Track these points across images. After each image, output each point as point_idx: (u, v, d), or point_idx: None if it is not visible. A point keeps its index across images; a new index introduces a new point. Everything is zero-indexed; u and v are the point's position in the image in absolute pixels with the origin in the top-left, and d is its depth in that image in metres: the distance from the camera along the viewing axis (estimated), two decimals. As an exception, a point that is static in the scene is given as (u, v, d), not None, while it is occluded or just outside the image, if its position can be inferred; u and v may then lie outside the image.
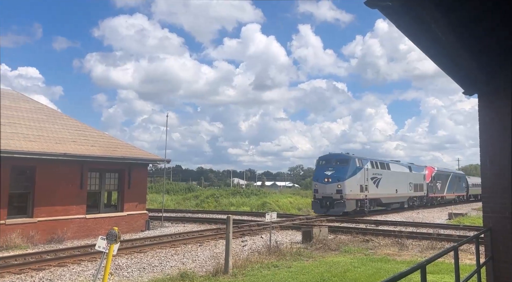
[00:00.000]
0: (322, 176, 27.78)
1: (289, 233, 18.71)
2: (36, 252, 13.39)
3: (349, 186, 26.78)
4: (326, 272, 10.07)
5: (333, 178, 27.07)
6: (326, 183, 27.21)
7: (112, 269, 9.60)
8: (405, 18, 3.28)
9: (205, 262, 12.05)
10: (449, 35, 3.63)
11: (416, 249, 14.03)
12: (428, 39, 3.70)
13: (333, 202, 26.46)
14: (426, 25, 3.40)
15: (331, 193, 26.74)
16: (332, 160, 28.41)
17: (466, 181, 52.96)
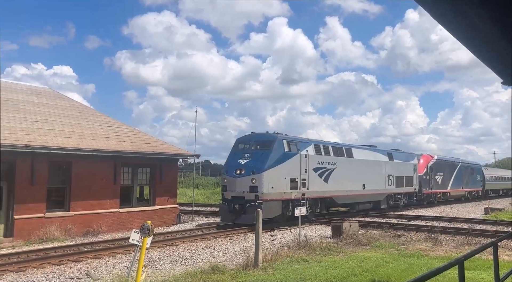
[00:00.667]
0: (233, 165, 18.46)
1: (318, 227, 18.62)
2: (73, 244, 13.91)
3: (270, 180, 17.64)
4: (357, 267, 9.97)
5: (247, 169, 17.85)
6: (237, 176, 17.96)
7: (145, 262, 9.84)
8: (441, 7, 3.18)
9: (235, 256, 12.17)
10: (488, 24, 3.50)
11: (450, 245, 13.67)
12: (466, 28, 3.57)
13: (246, 205, 17.43)
14: (464, 14, 3.28)
15: (242, 191, 17.69)
16: (251, 143, 19.10)
17: (482, 174, 44.03)
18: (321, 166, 20.79)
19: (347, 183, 22.49)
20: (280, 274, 9.33)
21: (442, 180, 34.46)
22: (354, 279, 8.82)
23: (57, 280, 9.34)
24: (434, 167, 33.24)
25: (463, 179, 38.42)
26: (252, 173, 17.64)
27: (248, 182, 17.66)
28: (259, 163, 17.88)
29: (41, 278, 9.43)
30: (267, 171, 17.65)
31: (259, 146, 18.76)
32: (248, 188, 17.61)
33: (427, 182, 31.99)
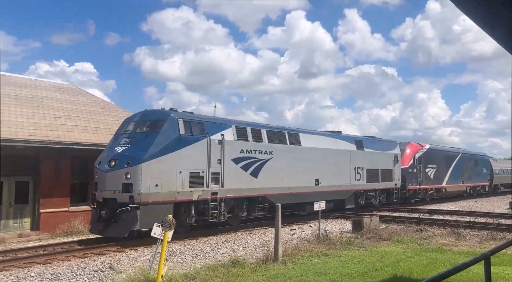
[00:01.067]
0: (108, 155, 13.36)
1: (338, 222, 18.52)
2: (96, 237, 14.20)
3: (154, 174, 12.71)
4: (378, 262, 9.89)
5: (122, 159, 12.77)
6: (108, 170, 12.89)
7: (167, 255, 9.99)
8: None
9: (255, 250, 12.23)
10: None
11: (474, 240, 13.40)
12: (491, 17, 3.46)
13: (117, 211, 12.46)
14: (489, 2, 3.18)
15: (113, 191, 12.70)
16: (138, 123, 13.96)
17: (489, 166, 38.72)
18: (247, 155, 15.38)
19: (290, 178, 17.40)
20: (300, 268, 9.33)
21: (436, 173, 29.41)
22: (375, 274, 8.75)
23: (81, 272, 9.57)
24: (424, 158, 28.14)
25: (463, 172, 33.43)
26: (127, 165, 12.50)
27: (121, 177, 12.51)
28: (138, 150, 12.74)
29: (67, 270, 9.68)
30: (148, 162, 12.52)
31: (146, 127, 13.64)
32: (121, 186, 12.52)
33: (413, 176, 26.92)
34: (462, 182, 33.13)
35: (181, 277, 8.40)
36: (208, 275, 8.59)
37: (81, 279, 9.04)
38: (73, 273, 9.51)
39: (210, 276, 8.58)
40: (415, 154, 27.64)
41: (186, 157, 13.58)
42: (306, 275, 8.67)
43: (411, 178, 26.73)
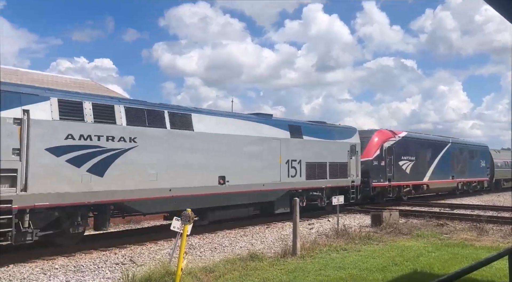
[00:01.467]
0: None
1: (357, 216, 18.38)
2: (117, 230, 14.49)
3: None
4: (398, 256, 9.79)
5: None
6: None
7: (186, 249, 10.10)
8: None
9: (273, 244, 12.25)
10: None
11: (498, 235, 13.12)
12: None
13: None
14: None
15: None
16: None
17: (489, 158, 33.24)
18: (81, 143, 10.52)
19: (170, 176, 12.46)
20: (319, 263, 9.31)
21: (414, 167, 24.39)
22: (395, 269, 8.66)
23: (103, 265, 9.78)
24: (396, 148, 23.04)
25: (454, 166, 28.33)
26: None
27: None
28: None
29: (89, 263, 9.90)
30: None
31: None
32: None
33: (381, 171, 21.97)
34: (452, 177, 27.96)
35: (200, 270, 8.49)
36: (226, 269, 8.66)
37: (103, 272, 9.23)
38: (95, 265, 9.72)
39: (229, 269, 8.64)
40: (383, 143, 22.47)
41: None
42: (324, 270, 8.65)
43: (377, 172, 21.76)
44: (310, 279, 7.93)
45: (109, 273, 9.11)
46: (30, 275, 8.87)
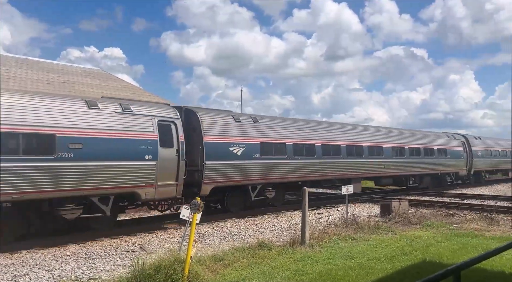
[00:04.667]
0: None
1: (366, 206, 18.35)
2: (128, 219, 14.63)
3: None
4: (407, 246, 9.77)
5: None
6: None
7: (195, 237, 10.19)
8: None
9: (282, 233, 12.30)
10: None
11: (508, 225, 13.00)
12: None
13: None
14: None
15: None
16: None
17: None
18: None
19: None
20: (327, 252, 9.33)
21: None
22: (404, 258, 8.66)
23: (114, 252, 9.92)
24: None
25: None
26: None
27: None
28: None
29: (100, 250, 10.05)
30: None
31: None
32: None
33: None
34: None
35: (210, 258, 8.57)
36: (235, 257, 8.73)
37: (114, 259, 9.37)
38: (106, 253, 9.86)
39: (238, 257, 8.71)
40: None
41: None
42: (333, 258, 8.68)
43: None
44: (318, 268, 7.97)
45: (120, 260, 9.24)
46: (42, 261, 9.04)
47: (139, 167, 11.79)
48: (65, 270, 8.47)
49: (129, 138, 11.65)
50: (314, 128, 18.91)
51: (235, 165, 14.71)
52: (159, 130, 12.40)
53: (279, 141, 16.54)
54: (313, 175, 17.96)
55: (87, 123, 10.86)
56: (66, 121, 10.51)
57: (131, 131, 11.75)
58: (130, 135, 11.68)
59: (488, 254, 2.67)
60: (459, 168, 28.17)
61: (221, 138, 14.45)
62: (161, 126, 12.53)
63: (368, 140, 21.17)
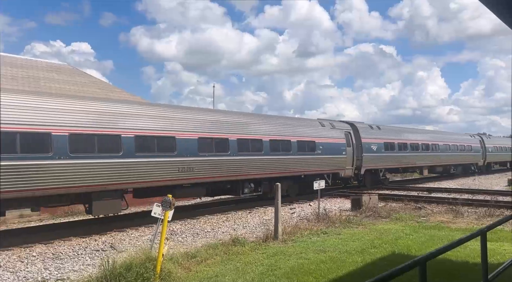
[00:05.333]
0: None
1: (337, 201, 18.65)
2: (97, 218, 14.30)
3: None
4: (377, 239, 9.99)
5: None
6: None
7: (167, 234, 10.08)
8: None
9: (255, 229, 12.34)
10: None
11: (472, 217, 13.52)
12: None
13: None
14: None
15: None
16: None
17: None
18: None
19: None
20: (300, 246, 9.43)
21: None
22: (374, 251, 8.85)
23: (83, 252, 9.68)
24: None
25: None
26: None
27: None
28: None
29: (68, 250, 9.78)
30: None
31: None
32: None
33: None
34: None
35: (182, 255, 8.49)
36: (208, 254, 8.69)
37: (83, 258, 9.14)
38: (75, 252, 9.62)
39: (211, 254, 8.68)
40: None
41: None
42: (305, 253, 8.77)
43: None
44: (291, 263, 8.04)
45: (89, 260, 9.03)
46: (6, 262, 8.72)
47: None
48: (31, 271, 8.20)
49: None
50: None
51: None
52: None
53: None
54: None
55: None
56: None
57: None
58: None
59: (452, 244, 2.76)
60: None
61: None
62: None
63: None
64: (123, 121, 12.32)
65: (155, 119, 13.24)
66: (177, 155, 13.53)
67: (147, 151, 12.72)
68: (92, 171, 11.30)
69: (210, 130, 14.91)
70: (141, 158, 12.51)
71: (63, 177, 10.70)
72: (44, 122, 10.59)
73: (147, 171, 12.64)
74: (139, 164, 12.45)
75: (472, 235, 3.08)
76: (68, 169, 10.80)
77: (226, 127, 15.64)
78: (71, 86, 19.73)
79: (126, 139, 12.15)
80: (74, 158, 10.97)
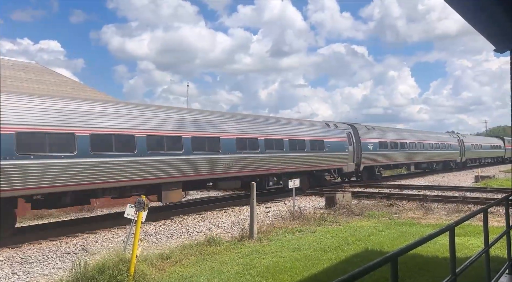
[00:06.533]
0: None
1: (312, 199, 18.84)
2: (68, 219, 13.96)
3: None
4: (351, 236, 10.16)
5: None
6: None
7: (141, 236, 9.93)
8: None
9: (231, 228, 12.32)
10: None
11: (442, 213, 13.94)
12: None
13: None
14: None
15: None
16: None
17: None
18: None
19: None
20: (275, 245, 9.48)
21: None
22: (348, 248, 8.99)
23: (53, 255, 9.42)
24: None
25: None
26: None
27: None
28: None
29: (38, 254, 9.50)
30: None
31: None
32: None
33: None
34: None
35: (156, 257, 8.39)
36: (183, 254, 8.61)
37: (53, 262, 8.90)
38: (45, 256, 9.35)
39: (186, 255, 8.61)
40: None
41: None
42: (280, 251, 8.83)
43: None
44: (266, 261, 8.06)
45: (60, 263, 8.79)
46: (-28, 269, 8.39)
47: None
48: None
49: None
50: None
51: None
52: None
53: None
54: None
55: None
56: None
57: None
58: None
59: (423, 240, 2.84)
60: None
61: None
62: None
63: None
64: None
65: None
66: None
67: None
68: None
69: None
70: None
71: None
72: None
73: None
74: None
75: (441, 230, 3.18)
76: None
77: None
78: (41, 85, 19.15)
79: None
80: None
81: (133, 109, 13.83)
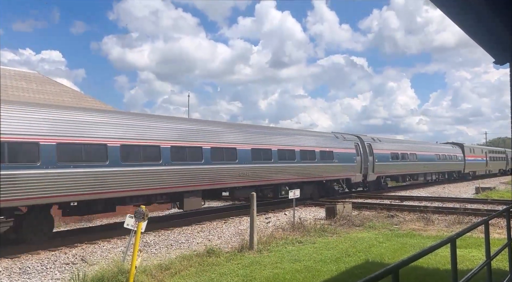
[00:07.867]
0: None
1: (312, 209, 18.77)
2: (68, 229, 13.90)
3: None
4: (351, 248, 10.10)
5: None
6: None
7: (140, 246, 9.88)
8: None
9: (230, 239, 12.25)
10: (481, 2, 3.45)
11: (442, 224, 13.87)
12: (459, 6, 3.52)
13: None
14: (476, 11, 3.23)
15: None
16: None
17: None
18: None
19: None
20: (275, 256, 9.42)
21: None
22: (348, 260, 8.93)
23: (52, 265, 9.36)
24: None
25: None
26: None
27: None
28: None
29: (36, 264, 9.44)
30: None
31: None
32: None
33: None
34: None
35: (156, 267, 8.34)
36: (183, 265, 8.56)
37: (52, 272, 8.83)
38: (43, 266, 9.29)
39: (185, 266, 8.55)
40: None
41: None
42: (281, 262, 8.77)
43: None
44: (266, 273, 8.01)
45: (59, 274, 8.73)
46: (-30, 279, 8.33)
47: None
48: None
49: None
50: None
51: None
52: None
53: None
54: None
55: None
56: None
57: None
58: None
59: (424, 252, 2.83)
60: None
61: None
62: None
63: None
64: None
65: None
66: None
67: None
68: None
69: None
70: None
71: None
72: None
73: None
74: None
75: (442, 242, 3.16)
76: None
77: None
78: (42, 95, 19.22)
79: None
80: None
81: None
